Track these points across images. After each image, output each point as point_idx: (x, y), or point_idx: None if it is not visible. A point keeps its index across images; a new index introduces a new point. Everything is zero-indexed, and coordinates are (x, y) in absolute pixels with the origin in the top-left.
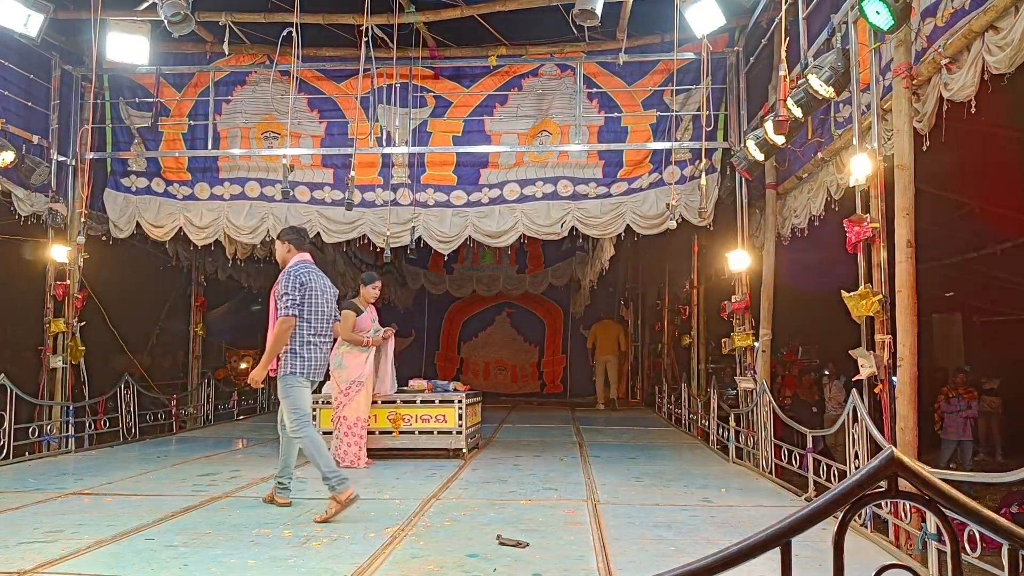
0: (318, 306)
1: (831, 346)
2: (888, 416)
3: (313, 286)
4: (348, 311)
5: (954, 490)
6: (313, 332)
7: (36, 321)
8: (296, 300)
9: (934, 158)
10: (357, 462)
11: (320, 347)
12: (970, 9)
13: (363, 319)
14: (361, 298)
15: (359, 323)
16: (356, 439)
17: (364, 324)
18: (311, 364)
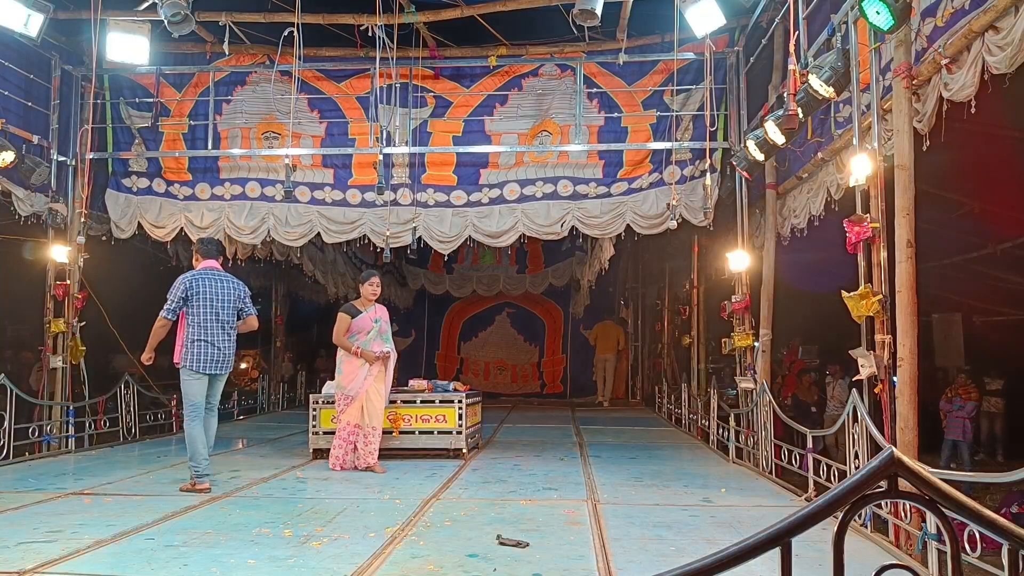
0: (206, 309)
1: (832, 346)
2: (888, 416)
3: (202, 291)
4: (341, 313)
5: (954, 490)
6: (200, 332)
7: (36, 321)
8: (171, 305)
9: (934, 158)
10: (336, 464)
11: (211, 345)
12: (970, 9)
13: (360, 320)
14: (362, 298)
15: (355, 325)
16: (342, 442)
17: (362, 325)
18: (199, 360)
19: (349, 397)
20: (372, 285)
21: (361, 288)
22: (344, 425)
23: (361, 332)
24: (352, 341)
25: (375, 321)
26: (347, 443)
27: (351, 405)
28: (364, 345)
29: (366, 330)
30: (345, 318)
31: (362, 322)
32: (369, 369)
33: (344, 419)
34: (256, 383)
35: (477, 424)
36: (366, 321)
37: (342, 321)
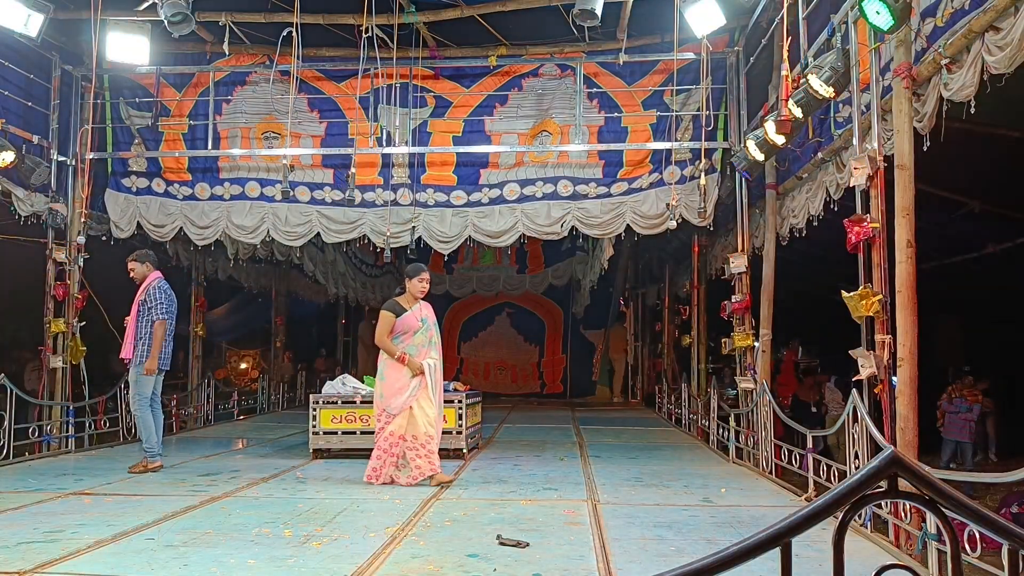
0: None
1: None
2: (888, 416)
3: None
4: (384, 311)
5: (954, 490)
6: (172, 332)
7: (36, 321)
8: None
9: (934, 158)
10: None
11: (170, 343)
12: (970, 9)
13: (406, 319)
14: (407, 294)
15: (400, 325)
16: (383, 453)
17: (408, 324)
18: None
19: (390, 417)
20: (422, 281)
21: (408, 283)
22: (387, 436)
23: (407, 333)
24: (396, 344)
25: (422, 320)
26: (388, 455)
27: (396, 417)
28: (411, 350)
29: (412, 330)
30: (389, 317)
31: (408, 321)
32: (417, 381)
33: (388, 429)
34: (256, 383)
35: (477, 424)
36: (412, 320)
37: (385, 320)
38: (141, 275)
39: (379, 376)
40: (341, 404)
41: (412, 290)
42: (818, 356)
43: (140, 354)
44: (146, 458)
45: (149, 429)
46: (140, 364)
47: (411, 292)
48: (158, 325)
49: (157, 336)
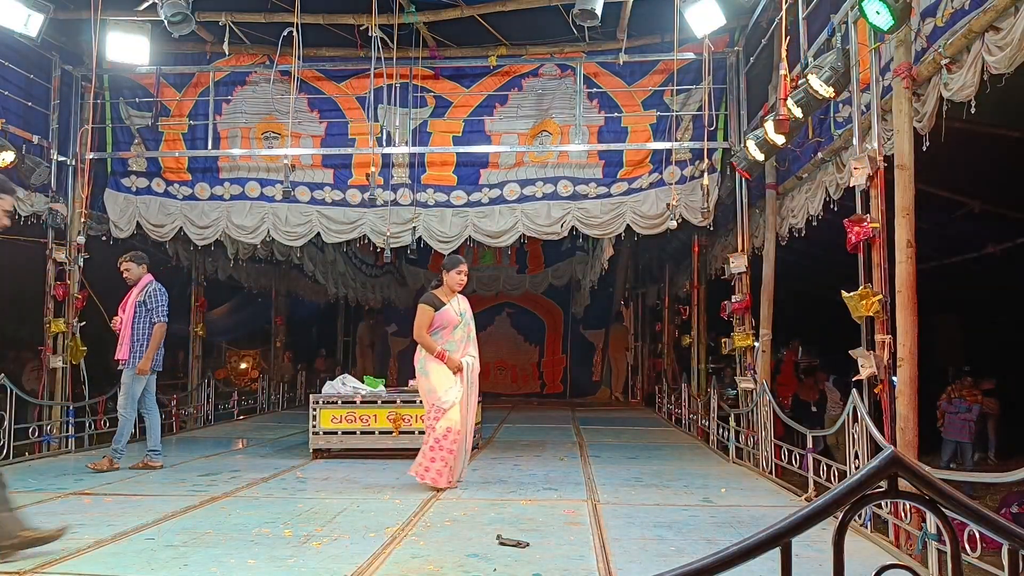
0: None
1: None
2: (888, 416)
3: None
4: (423, 304)
5: (954, 490)
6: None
7: (36, 321)
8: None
9: (934, 158)
10: (439, 479)
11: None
12: (970, 9)
13: (444, 313)
14: (444, 287)
15: (439, 318)
16: (447, 454)
17: (446, 319)
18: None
19: (441, 411)
20: (460, 273)
21: (446, 276)
22: (444, 433)
23: (445, 328)
24: (435, 339)
25: (460, 314)
26: (451, 453)
27: (450, 411)
28: (450, 347)
29: (452, 325)
30: (427, 311)
31: (446, 315)
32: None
33: (442, 426)
34: (256, 383)
35: (477, 424)
36: (451, 315)
37: (424, 314)
38: (136, 276)
39: (421, 371)
40: (341, 404)
41: (450, 283)
42: (818, 356)
43: (136, 355)
44: (112, 457)
45: (125, 432)
46: (135, 366)
47: (449, 285)
48: (159, 327)
49: (157, 338)
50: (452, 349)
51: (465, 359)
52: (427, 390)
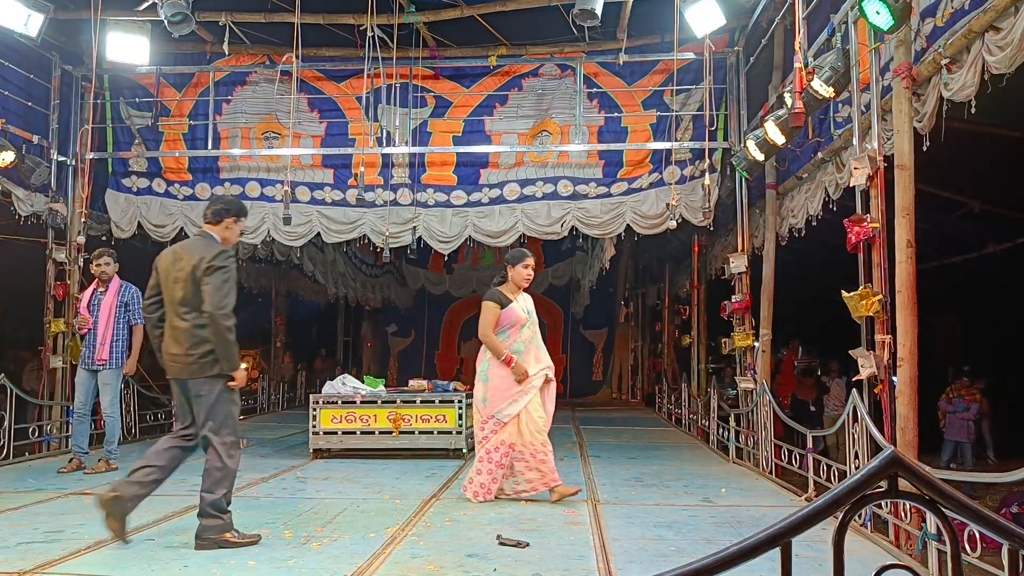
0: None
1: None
2: (888, 416)
3: None
4: (488, 302)
5: (954, 490)
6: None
7: (36, 321)
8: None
9: (934, 158)
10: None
11: None
12: (970, 9)
13: (511, 312)
14: (510, 283)
15: (505, 317)
16: (494, 467)
17: (513, 317)
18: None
19: (500, 424)
20: (527, 267)
21: (511, 271)
22: (496, 446)
23: (513, 327)
24: (502, 340)
25: (527, 312)
26: (500, 467)
27: (507, 425)
28: (517, 347)
29: (519, 323)
30: (493, 308)
31: (513, 314)
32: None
33: (497, 439)
34: (256, 383)
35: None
36: (517, 313)
37: (490, 312)
38: (111, 273)
39: (481, 376)
40: (341, 404)
41: (516, 278)
42: (818, 356)
43: (118, 355)
44: (105, 459)
45: (116, 432)
46: (119, 366)
47: (514, 280)
48: (140, 330)
49: (140, 340)
50: (519, 351)
51: (539, 373)
52: (482, 398)
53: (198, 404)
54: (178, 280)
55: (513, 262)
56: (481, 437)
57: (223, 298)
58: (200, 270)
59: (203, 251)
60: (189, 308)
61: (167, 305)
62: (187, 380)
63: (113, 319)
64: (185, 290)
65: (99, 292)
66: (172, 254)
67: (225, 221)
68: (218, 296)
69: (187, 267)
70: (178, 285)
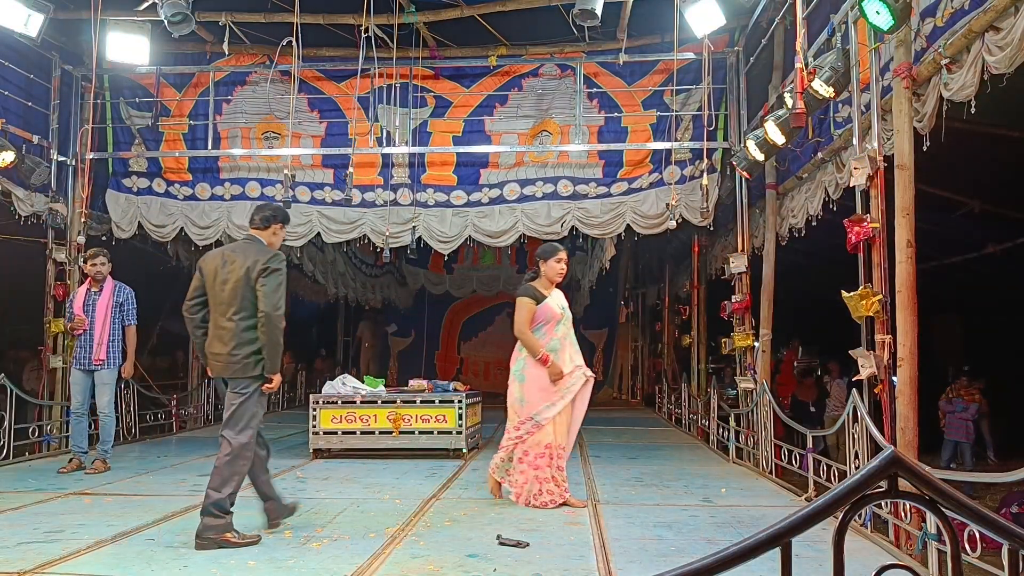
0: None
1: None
2: (888, 416)
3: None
4: (523, 298)
5: (954, 490)
6: None
7: (36, 321)
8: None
9: (934, 158)
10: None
11: None
12: (970, 9)
13: (546, 308)
14: (543, 278)
15: (540, 314)
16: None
17: (548, 314)
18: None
19: (538, 426)
20: (559, 261)
21: (543, 266)
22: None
23: (548, 323)
24: (538, 336)
25: (562, 309)
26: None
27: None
28: (553, 345)
29: (554, 319)
30: (528, 304)
31: (548, 310)
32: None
33: (535, 441)
34: None
35: (477, 424)
36: (552, 309)
37: (525, 308)
38: (106, 273)
39: (517, 376)
40: (341, 404)
41: (549, 273)
42: (818, 356)
43: (115, 355)
44: (102, 459)
45: (112, 432)
46: (116, 366)
47: (547, 276)
48: (133, 330)
49: (133, 341)
50: (555, 348)
51: (578, 375)
52: (519, 398)
53: (230, 400)
54: (227, 282)
55: (545, 257)
56: (515, 437)
57: (278, 300)
58: (255, 272)
59: (257, 254)
60: (238, 309)
61: (212, 306)
62: (228, 379)
63: (109, 319)
64: (235, 292)
65: (93, 292)
66: (220, 256)
67: (273, 227)
68: (274, 298)
69: (239, 270)
70: (227, 287)
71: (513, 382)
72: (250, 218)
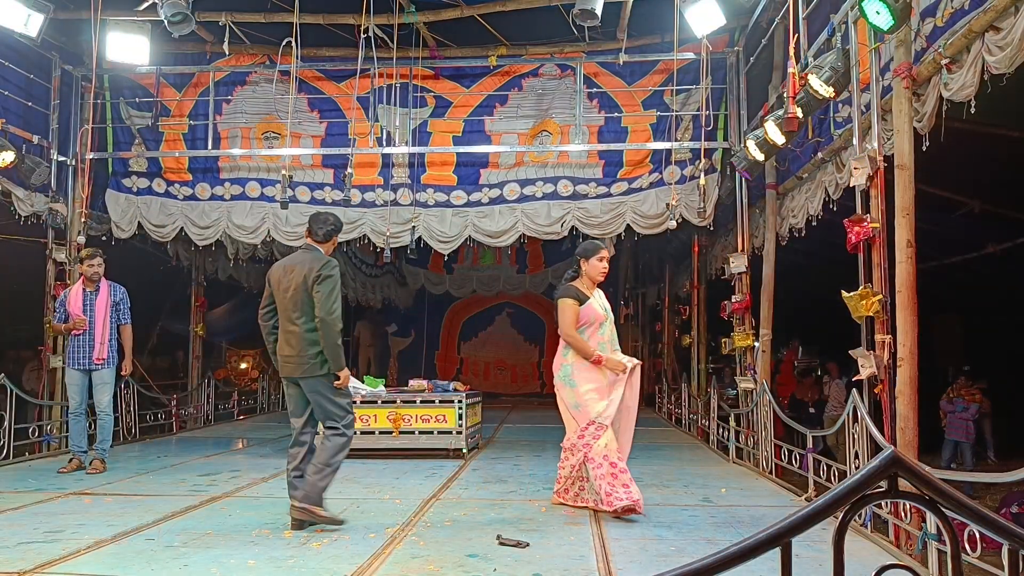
0: None
1: (832, 346)
2: (888, 416)
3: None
4: (566, 299)
5: (954, 490)
6: None
7: (36, 321)
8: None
9: (934, 158)
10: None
11: None
12: (970, 9)
13: (589, 309)
14: (584, 278)
15: (583, 315)
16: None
17: (591, 315)
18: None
19: (601, 428)
20: (602, 260)
21: (584, 264)
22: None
23: (592, 325)
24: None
25: (605, 310)
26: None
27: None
28: (601, 349)
29: (598, 321)
30: (573, 306)
31: (591, 311)
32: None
33: (602, 444)
34: (256, 383)
35: (477, 424)
36: (596, 310)
37: (571, 310)
38: (101, 274)
39: (565, 380)
40: None
41: (590, 272)
42: (818, 356)
43: (113, 354)
44: (101, 458)
45: (111, 431)
46: (114, 365)
47: (588, 275)
48: (128, 329)
49: (129, 341)
50: (602, 349)
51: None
52: (573, 404)
53: (315, 401)
54: (288, 289)
55: (587, 255)
56: (582, 444)
57: (332, 304)
58: (311, 279)
59: (312, 262)
60: (300, 314)
61: (280, 312)
62: (299, 379)
63: (108, 318)
64: (296, 298)
65: (89, 292)
66: (282, 268)
67: (333, 239)
68: (328, 303)
69: (298, 278)
70: (288, 294)
71: (562, 388)
72: (309, 228)
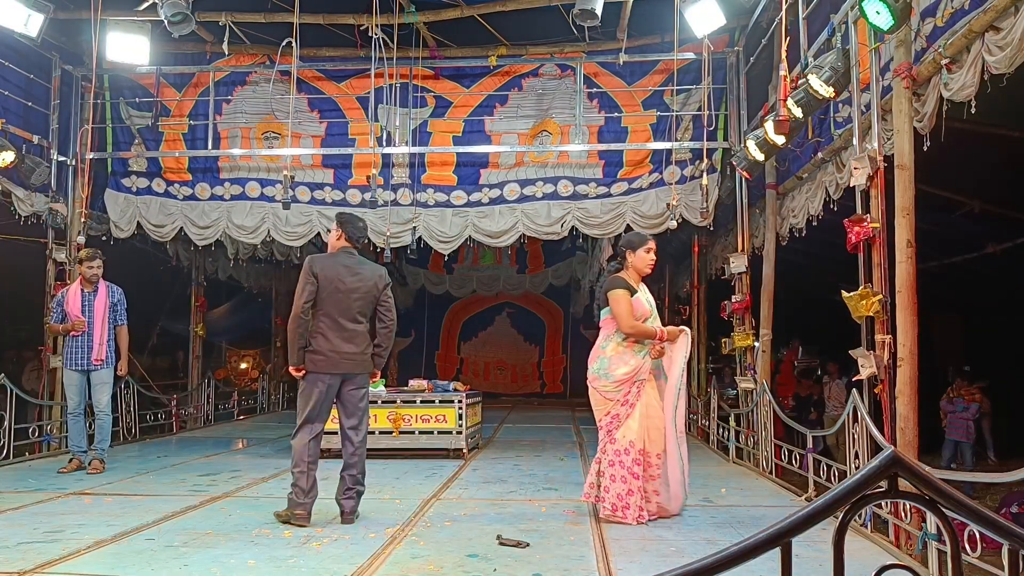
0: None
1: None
2: (888, 416)
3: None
4: (620, 290)
5: (954, 490)
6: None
7: (36, 321)
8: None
9: (934, 158)
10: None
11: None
12: (970, 9)
13: (638, 302)
14: (630, 270)
15: (637, 307)
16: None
17: (640, 309)
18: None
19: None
20: (649, 251)
21: (631, 256)
22: (625, 447)
23: (639, 319)
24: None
25: (650, 304)
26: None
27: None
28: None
29: (645, 316)
30: (625, 295)
31: (640, 305)
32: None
33: (623, 438)
34: (256, 383)
35: (477, 424)
36: (643, 304)
37: (624, 300)
38: (100, 275)
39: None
40: None
41: (637, 264)
42: (818, 356)
43: (111, 354)
44: (99, 458)
45: (109, 431)
46: (111, 366)
47: (635, 267)
48: (124, 330)
49: (125, 341)
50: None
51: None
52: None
53: (356, 396)
54: (357, 291)
55: (633, 247)
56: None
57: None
58: (381, 285)
59: (376, 269)
60: (365, 315)
61: (337, 311)
62: (356, 375)
63: (106, 319)
64: (364, 300)
65: (88, 293)
66: (343, 267)
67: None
68: (394, 309)
69: (368, 282)
70: (356, 295)
71: (597, 380)
72: (348, 233)
